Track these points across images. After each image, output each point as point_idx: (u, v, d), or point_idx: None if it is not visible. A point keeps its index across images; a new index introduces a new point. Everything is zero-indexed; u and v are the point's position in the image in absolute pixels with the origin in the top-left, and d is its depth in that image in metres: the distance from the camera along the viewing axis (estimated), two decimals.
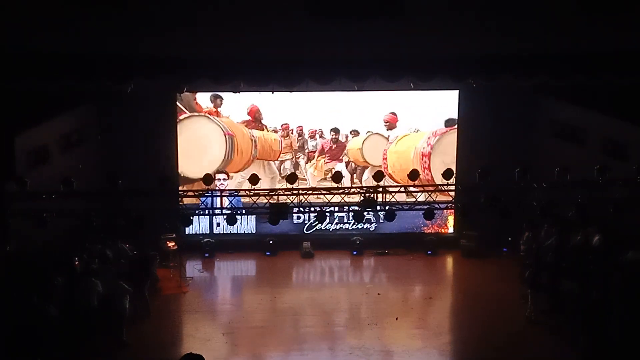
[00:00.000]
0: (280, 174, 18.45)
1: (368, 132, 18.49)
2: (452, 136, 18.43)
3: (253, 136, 18.09)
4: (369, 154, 18.52)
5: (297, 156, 18.73)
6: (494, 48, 13.68)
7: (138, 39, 13.21)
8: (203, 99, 18.02)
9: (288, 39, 13.36)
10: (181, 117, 17.99)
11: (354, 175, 18.60)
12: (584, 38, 13.49)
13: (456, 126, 18.45)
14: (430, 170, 17.93)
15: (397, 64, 13.93)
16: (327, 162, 18.72)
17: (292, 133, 18.54)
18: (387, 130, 18.42)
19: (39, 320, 12.47)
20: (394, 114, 18.26)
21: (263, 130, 18.22)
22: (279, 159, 18.59)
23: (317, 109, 18.38)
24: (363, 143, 18.55)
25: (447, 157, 18.12)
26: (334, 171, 16.02)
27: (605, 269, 14.14)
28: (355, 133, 18.44)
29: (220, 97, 17.96)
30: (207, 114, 17.83)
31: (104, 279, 14.24)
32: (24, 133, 14.66)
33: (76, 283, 13.84)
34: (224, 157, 18.09)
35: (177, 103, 17.63)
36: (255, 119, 18.15)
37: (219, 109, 18.08)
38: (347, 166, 18.69)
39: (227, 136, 18.10)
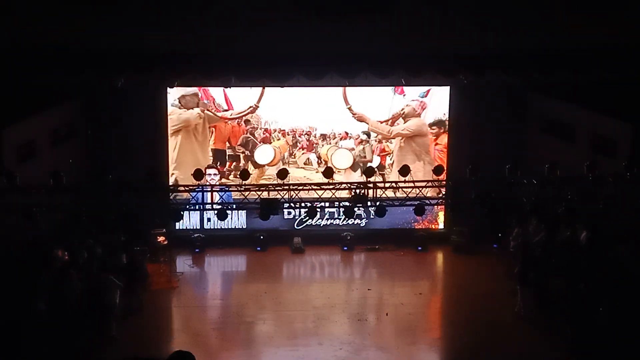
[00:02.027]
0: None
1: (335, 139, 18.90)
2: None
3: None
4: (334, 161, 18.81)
5: (291, 150, 18.98)
6: (484, 44, 13.74)
7: (129, 33, 13.17)
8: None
9: (280, 34, 13.36)
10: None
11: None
12: (573, 34, 13.56)
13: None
14: None
15: (388, 59, 13.96)
16: (303, 154, 18.98)
17: (287, 134, 18.83)
18: (341, 140, 18.91)
19: (26, 315, 12.42)
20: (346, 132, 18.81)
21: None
22: None
23: (302, 106, 18.61)
24: (332, 156, 18.86)
25: None
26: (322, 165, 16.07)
27: (593, 264, 14.21)
28: (322, 137, 18.87)
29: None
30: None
31: (90, 273, 14.19)
32: (12, 127, 14.60)
33: (62, 277, 13.78)
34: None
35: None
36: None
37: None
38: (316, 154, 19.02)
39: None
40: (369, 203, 14.30)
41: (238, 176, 14.55)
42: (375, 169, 14.99)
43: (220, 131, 18.29)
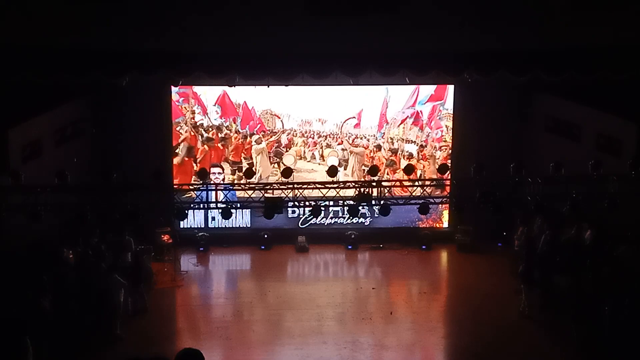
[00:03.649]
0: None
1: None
2: None
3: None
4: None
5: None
6: (489, 43, 13.71)
7: (133, 33, 13.18)
8: None
9: (284, 32, 13.36)
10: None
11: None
12: (578, 34, 13.53)
13: None
14: None
15: (393, 58, 13.94)
16: (310, 150, 19.31)
17: (303, 135, 19.21)
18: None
19: (31, 314, 12.43)
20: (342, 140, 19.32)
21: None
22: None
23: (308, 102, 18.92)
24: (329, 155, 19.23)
25: None
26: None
27: (597, 263, 14.20)
28: (325, 137, 19.23)
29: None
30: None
31: (95, 272, 14.21)
32: (18, 127, 14.62)
33: (66, 277, 13.80)
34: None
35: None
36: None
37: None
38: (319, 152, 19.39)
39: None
40: (373, 202, 14.31)
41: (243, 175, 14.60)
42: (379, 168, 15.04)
43: None
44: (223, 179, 18.56)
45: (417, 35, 13.45)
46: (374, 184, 14.20)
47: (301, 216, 19.07)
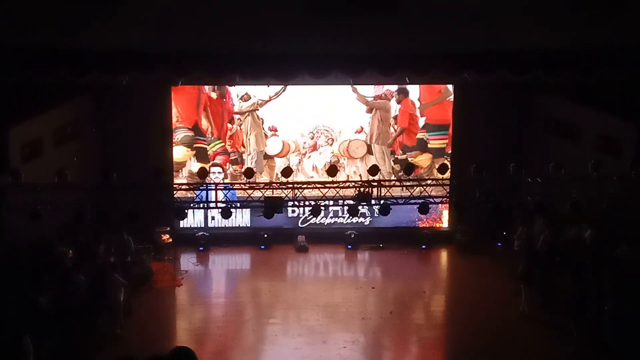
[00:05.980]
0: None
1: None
2: None
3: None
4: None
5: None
6: (489, 43, 13.70)
7: (133, 32, 13.18)
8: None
9: (284, 32, 13.36)
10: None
11: None
12: (579, 34, 13.53)
13: None
14: None
15: (393, 58, 13.93)
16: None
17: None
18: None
19: (30, 312, 12.42)
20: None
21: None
22: None
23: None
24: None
25: None
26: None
27: (597, 263, 14.19)
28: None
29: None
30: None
31: (95, 271, 14.19)
32: (18, 126, 14.62)
33: (66, 276, 13.79)
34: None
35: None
36: None
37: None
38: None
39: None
40: (373, 201, 14.31)
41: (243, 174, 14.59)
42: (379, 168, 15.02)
43: None
44: (223, 179, 18.58)
45: (417, 35, 13.44)
46: (374, 183, 14.21)
47: (301, 216, 19.08)
